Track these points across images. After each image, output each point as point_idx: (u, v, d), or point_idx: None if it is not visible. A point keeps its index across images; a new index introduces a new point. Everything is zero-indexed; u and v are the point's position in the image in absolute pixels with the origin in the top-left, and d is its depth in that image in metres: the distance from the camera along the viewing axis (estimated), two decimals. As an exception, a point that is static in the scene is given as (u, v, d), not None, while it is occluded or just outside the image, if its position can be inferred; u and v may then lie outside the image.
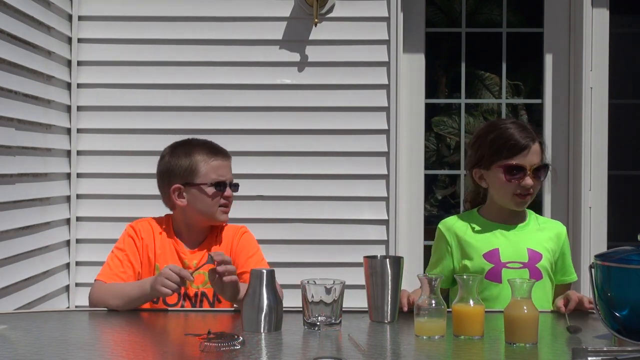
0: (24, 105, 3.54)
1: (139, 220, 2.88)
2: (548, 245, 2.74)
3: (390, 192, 4.09)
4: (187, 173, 2.82)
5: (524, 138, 2.69)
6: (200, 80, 4.13)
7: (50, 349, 2.08)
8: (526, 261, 2.69)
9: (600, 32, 4.18)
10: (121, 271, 2.74)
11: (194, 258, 2.79)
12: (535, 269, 2.68)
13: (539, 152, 2.71)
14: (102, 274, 2.74)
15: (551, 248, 2.75)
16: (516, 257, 2.70)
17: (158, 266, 2.77)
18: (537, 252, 2.71)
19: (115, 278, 2.71)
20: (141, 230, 2.83)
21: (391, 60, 4.09)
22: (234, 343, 2.04)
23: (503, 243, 2.72)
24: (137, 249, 2.80)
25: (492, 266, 2.68)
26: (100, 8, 4.13)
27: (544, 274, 2.69)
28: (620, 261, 2.10)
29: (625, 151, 4.34)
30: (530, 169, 2.68)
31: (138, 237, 2.81)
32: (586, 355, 1.92)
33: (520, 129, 2.71)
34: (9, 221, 3.36)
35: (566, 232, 2.81)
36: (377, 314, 2.41)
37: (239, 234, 2.89)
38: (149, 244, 2.81)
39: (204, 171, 2.81)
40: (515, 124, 2.74)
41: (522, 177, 2.67)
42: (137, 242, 2.80)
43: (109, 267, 2.76)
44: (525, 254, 2.70)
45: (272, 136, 4.13)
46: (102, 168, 4.14)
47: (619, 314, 2.10)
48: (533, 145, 2.70)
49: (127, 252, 2.78)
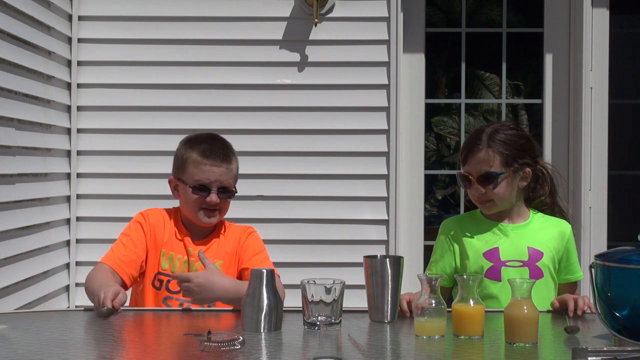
0: (24, 105, 3.54)
1: (150, 208, 2.90)
2: (550, 243, 2.74)
3: (390, 192, 4.10)
4: (180, 168, 2.84)
5: (468, 146, 2.75)
6: (200, 80, 4.14)
7: (50, 349, 2.08)
8: (526, 259, 2.70)
9: (600, 32, 4.18)
10: (123, 254, 2.75)
11: (199, 248, 2.80)
12: (536, 268, 2.69)
13: (484, 160, 2.72)
14: (105, 257, 2.77)
15: (554, 246, 2.74)
16: (516, 255, 2.70)
17: (164, 252, 2.80)
18: (538, 251, 2.71)
19: (116, 261, 2.73)
20: (150, 216, 2.84)
21: (391, 60, 4.09)
22: (234, 343, 2.04)
23: (504, 242, 2.72)
24: (144, 233, 2.81)
25: (492, 265, 2.69)
26: (100, 8, 4.13)
27: (545, 272, 2.70)
28: (620, 261, 2.10)
29: (625, 151, 4.34)
30: (476, 177, 2.72)
31: (146, 222, 2.83)
32: (586, 355, 1.92)
33: (473, 136, 2.77)
34: (9, 221, 3.36)
35: (571, 231, 2.81)
36: (377, 314, 2.41)
37: (246, 233, 2.89)
38: (157, 229, 2.82)
39: (190, 171, 2.80)
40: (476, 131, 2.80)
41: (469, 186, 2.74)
42: (145, 227, 2.82)
43: (112, 250, 2.78)
44: (526, 253, 2.70)
45: (272, 136, 4.13)
46: (102, 168, 4.14)
47: (619, 314, 2.10)
48: (478, 154, 2.72)
49: (132, 237, 2.80)
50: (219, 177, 2.80)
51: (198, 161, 2.79)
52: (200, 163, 2.79)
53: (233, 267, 2.84)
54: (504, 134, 2.73)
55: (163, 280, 2.79)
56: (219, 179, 2.80)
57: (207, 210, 2.79)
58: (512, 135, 2.74)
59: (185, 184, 2.80)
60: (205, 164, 2.79)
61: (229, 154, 2.87)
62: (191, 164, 2.80)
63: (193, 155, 2.81)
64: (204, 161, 2.79)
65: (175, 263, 2.79)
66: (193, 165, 2.79)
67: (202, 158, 2.80)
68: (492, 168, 2.70)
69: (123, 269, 2.73)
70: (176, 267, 2.79)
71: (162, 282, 2.79)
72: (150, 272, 2.80)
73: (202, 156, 2.80)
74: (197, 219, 2.81)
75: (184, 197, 2.83)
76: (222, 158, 2.83)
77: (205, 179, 2.79)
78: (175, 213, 2.90)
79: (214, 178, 2.79)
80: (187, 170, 2.81)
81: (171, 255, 2.80)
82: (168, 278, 2.78)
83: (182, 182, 2.82)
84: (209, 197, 2.78)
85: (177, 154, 2.88)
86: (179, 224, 2.86)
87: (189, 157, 2.81)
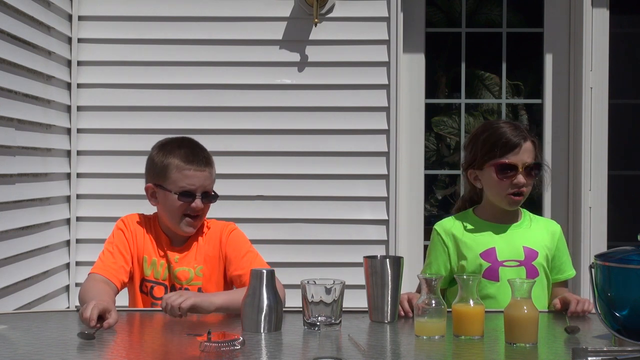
0: (24, 105, 3.54)
1: (128, 214, 2.88)
2: (543, 243, 2.75)
3: (390, 192, 4.09)
4: (160, 175, 2.77)
5: (515, 136, 2.69)
6: (200, 80, 4.13)
7: (50, 349, 2.08)
8: (522, 259, 2.70)
9: (600, 32, 4.18)
10: (112, 262, 2.73)
11: (176, 254, 2.79)
12: (532, 267, 2.69)
13: (531, 150, 2.71)
14: (94, 267, 2.74)
15: (547, 246, 2.75)
16: (513, 255, 2.70)
17: (146, 258, 2.78)
18: (533, 250, 2.72)
19: (107, 269, 2.71)
20: (130, 222, 2.82)
21: (391, 60, 4.09)
22: (234, 343, 2.04)
23: (499, 242, 2.72)
24: (126, 240, 2.78)
25: (489, 265, 2.69)
26: (100, 8, 4.13)
27: (540, 271, 2.70)
28: (620, 261, 2.10)
29: (625, 151, 4.34)
30: (523, 167, 2.68)
31: (127, 229, 2.80)
32: (586, 355, 1.92)
33: (512, 128, 2.72)
34: (9, 221, 3.36)
35: (561, 230, 2.82)
36: (377, 314, 2.41)
37: (227, 231, 2.83)
38: (138, 236, 2.80)
39: (173, 177, 2.74)
40: (508, 124, 2.76)
41: (514, 175, 2.67)
42: (127, 234, 2.79)
43: (101, 260, 2.75)
44: (522, 252, 2.71)
45: (272, 136, 4.13)
46: (102, 168, 4.14)
47: (619, 314, 2.10)
48: (525, 143, 2.69)
49: (117, 244, 2.77)
50: (203, 182, 2.76)
51: (181, 167, 2.74)
52: (184, 168, 2.74)
53: (217, 268, 2.80)
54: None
55: (148, 286, 2.78)
56: (203, 184, 2.76)
57: (190, 217, 2.75)
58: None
59: (168, 191, 2.75)
60: (189, 169, 2.74)
61: (209, 157, 2.83)
62: (174, 170, 2.74)
63: (175, 161, 2.75)
64: (187, 166, 2.74)
65: (157, 269, 2.78)
66: (176, 170, 2.74)
67: (186, 163, 2.74)
68: (537, 159, 2.72)
69: (115, 276, 2.70)
70: (159, 273, 2.77)
71: (147, 288, 2.78)
72: (137, 279, 2.79)
73: (185, 162, 2.74)
74: (179, 228, 2.76)
75: (166, 204, 2.76)
76: (204, 162, 2.78)
77: (191, 185, 2.74)
78: (154, 219, 2.85)
79: (198, 183, 2.75)
80: (169, 177, 2.74)
81: (153, 261, 2.78)
82: (152, 285, 2.78)
83: (163, 189, 2.76)
84: (194, 203, 2.73)
85: (155, 160, 2.80)
86: (157, 230, 2.83)
87: (170, 163, 2.75)
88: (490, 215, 2.78)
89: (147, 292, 2.78)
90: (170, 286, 2.77)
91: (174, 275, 2.76)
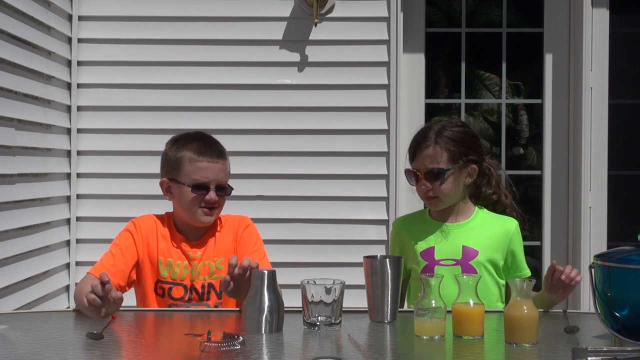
0: (24, 105, 3.54)
1: (142, 215, 2.87)
2: (490, 241, 2.78)
3: (390, 192, 4.09)
4: (174, 168, 2.79)
5: (415, 142, 2.81)
6: (200, 80, 4.13)
7: (50, 349, 2.08)
8: (459, 258, 2.75)
9: (600, 32, 4.18)
10: (111, 264, 2.72)
11: (198, 250, 2.79)
12: (469, 266, 2.74)
13: (433, 156, 2.76)
14: (93, 268, 2.73)
15: (495, 244, 2.78)
16: (450, 254, 2.77)
17: (162, 260, 2.77)
18: (473, 249, 2.76)
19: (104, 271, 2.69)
20: (142, 225, 2.81)
21: (391, 60, 4.09)
22: (234, 343, 2.04)
23: (440, 241, 2.79)
24: (134, 242, 2.77)
25: (426, 263, 2.76)
26: (100, 8, 4.14)
27: (480, 270, 2.73)
28: (620, 261, 2.10)
29: (625, 151, 4.34)
30: (423, 173, 2.77)
31: (137, 232, 2.79)
32: (586, 355, 1.92)
33: (419, 132, 2.84)
34: (9, 221, 3.36)
35: (516, 228, 2.84)
36: (377, 314, 2.41)
37: (243, 225, 2.86)
38: (150, 238, 2.79)
39: (186, 170, 2.76)
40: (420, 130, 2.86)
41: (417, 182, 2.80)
42: (135, 236, 2.78)
43: (101, 261, 2.75)
44: (460, 251, 2.76)
45: (272, 136, 4.13)
46: (102, 168, 4.14)
47: (619, 314, 2.10)
48: (426, 150, 2.77)
49: (121, 247, 2.76)
50: (217, 175, 2.78)
51: (194, 159, 2.76)
52: (197, 161, 2.76)
53: None
54: (451, 130, 2.79)
55: (165, 288, 2.78)
56: (216, 176, 2.78)
57: (206, 208, 2.77)
58: (459, 132, 2.81)
59: (181, 184, 2.77)
60: (202, 161, 2.76)
61: (223, 150, 2.85)
62: (187, 162, 2.76)
63: (188, 154, 2.77)
64: (200, 159, 2.76)
65: (175, 270, 2.77)
66: (189, 163, 2.76)
67: (199, 156, 2.76)
68: (439, 164, 2.75)
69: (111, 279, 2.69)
70: (176, 273, 2.77)
71: (164, 289, 2.78)
72: (150, 281, 2.78)
73: (198, 154, 2.77)
74: (195, 218, 2.77)
75: (180, 198, 2.78)
76: (217, 154, 2.80)
77: (204, 177, 2.76)
78: (168, 218, 2.86)
79: (212, 176, 2.77)
80: (182, 170, 2.77)
81: (169, 262, 2.78)
82: (169, 286, 2.78)
83: (177, 182, 2.78)
84: (208, 195, 2.75)
85: (168, 154, 2.82)
86: (172, 229, 2.83)
87: (183, 156, 2.77)
88: (441, 214, 2.85)
89: (163, 294, 2.76)
90: (189, 286, 2.77)
91: (196, 271, 2.76)
